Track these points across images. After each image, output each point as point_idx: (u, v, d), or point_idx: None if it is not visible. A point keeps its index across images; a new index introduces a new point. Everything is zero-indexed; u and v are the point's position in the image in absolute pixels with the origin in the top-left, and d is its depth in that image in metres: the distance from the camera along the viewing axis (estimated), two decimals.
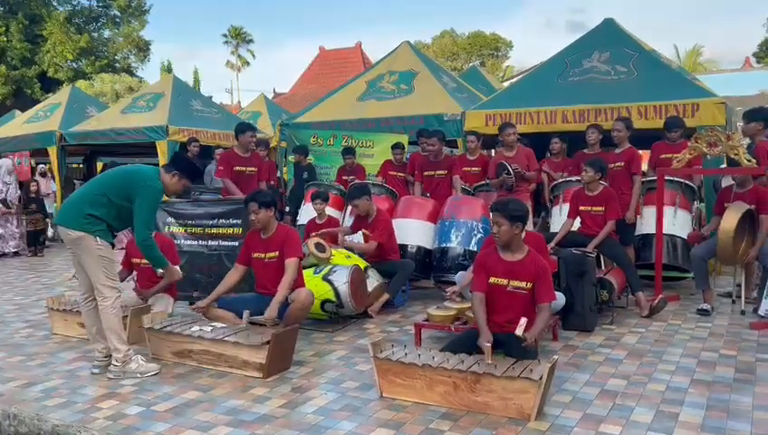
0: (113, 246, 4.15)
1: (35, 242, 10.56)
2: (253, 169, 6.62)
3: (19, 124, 13.49)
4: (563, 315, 4.89)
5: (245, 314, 4.36)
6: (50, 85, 26.17)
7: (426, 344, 4.54)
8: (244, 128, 6.74)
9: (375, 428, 3.23)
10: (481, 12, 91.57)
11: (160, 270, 4.45)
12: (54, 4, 28.05)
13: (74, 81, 23.38)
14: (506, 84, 12.90)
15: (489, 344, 3.51)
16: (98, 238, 3.97)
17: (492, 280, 3.86)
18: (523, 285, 3.80)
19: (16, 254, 10.15)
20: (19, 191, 10.48)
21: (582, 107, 7.61)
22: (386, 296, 5.60)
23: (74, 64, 27.29)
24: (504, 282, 3.84)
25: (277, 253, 4.58)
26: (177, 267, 4.61)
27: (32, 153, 13.48)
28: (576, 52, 8.38)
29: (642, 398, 3.56)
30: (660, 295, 5.42)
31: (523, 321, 3.66)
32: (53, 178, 12.54)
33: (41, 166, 12.11)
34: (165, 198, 4.55)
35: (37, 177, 12.08)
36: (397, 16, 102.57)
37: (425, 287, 6.53)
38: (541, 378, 3.23)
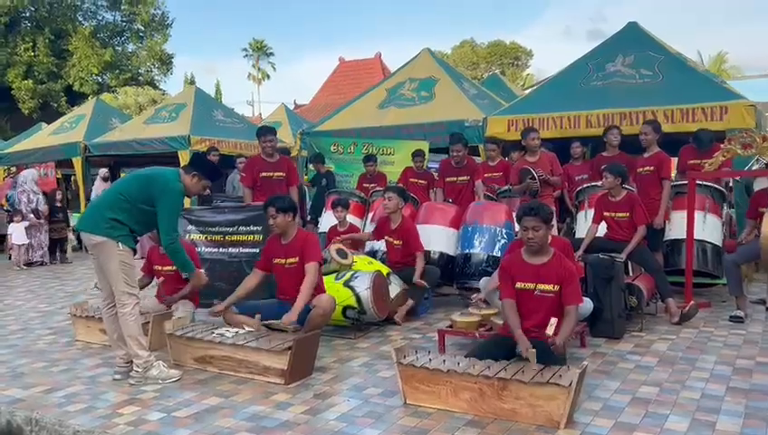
0: (135, 252, 4.14)
1: (57, 250, 10.71)
2: (280, 173, 6.44)
3: (45, 136, 13.71)
4: (591, 322, 4.77)
5: (257, 317, 4.32)
6: (75, 99, 26.59)
7: (449, 351, 4.44)
8: (260, 132, 6.65)
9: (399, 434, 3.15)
10: (500, 22, 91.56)
11: (185, 274, 4.42)
12: (80, 19, 28.58)
13: (99, 94, 23.75)
14: (527, 92, 12.78)
15: (534, 350, 3.41)
16: (120, 244, 3.96)
17: (519, 285, 3.77)
18: (550, 287, 3.70)
19: (42, 263, 10.25)
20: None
21: (607, 111, 7.47)
22: (410, 302, 5.51)
23: (99, 78, 27.72)
24: (531, 286, 3.74)
25: (297, 258, 4.54)
26: (203, 272, 4.57)
27: (57, 164, 13.71)
28: (599, 56, 8.26)
29: (676, 405, 3.43)
30: (692, 302, 5.26)
31: (554, 320, 3.56)
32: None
33: (102, 170, 12.25)
34: (186, 204, 4.54)
35: (98, 181, 12.14)
36: (416, 27, 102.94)
37: (447, 294, 6.43)
38: (570, 384, 3.13)
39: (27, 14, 27.38)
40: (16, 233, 9.99)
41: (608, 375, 3.96)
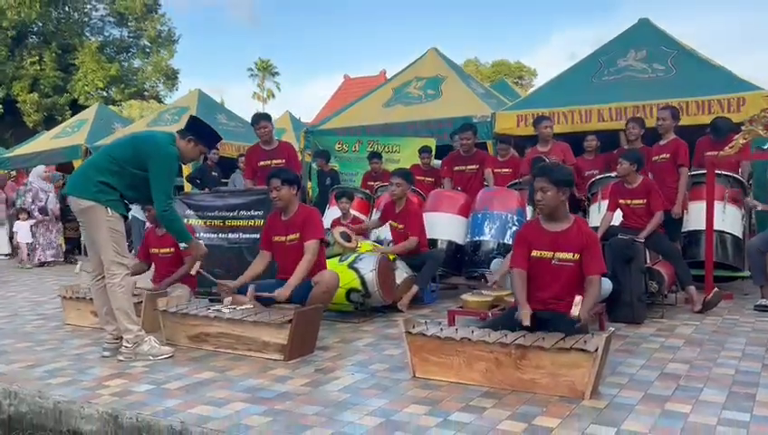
0: (126, 218, 3.91)
1: (75, 249, 10.50)
2: (279, 160, 6.13)
3: (47, 140, 13.56)
4: (610, 306, 4.49)
5: (250, 289, 4.08)
6: (80, 112, 26.60)
7: None
8: (254, 120, 6.27)
9: (409, 404, 2.87)
10: (505, 44, 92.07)
11: (184, 245, 4.18)
12: (87, 34, 28.72)
13: None
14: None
15: (528, 312, 3.15)
16: (109, 209, 3.72)
17: (535, 253, 3.50)
18: (569, 256, 3.43)
19: (55, 263, 9.87)
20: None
21: (620, 104, 7.26)
22: (415, 289, 5.23)
23: (104, 92, 27.75)
24: (549, 254, 3.47)
25: (298, 234, 4.30)
26: (202, 242, 4.30)
27: (59, 168, 13.53)
28: (610, 51, 8.08)
29: (710, 380, 3.16)
30: (715, 289, 4.99)
31: (578, 299, 3.25)
32: None
33: None
34: (186, 190, 4.30)
35: None
36: (420, 46, 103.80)
37: (456, 284, 6.15)
38: (597, 350, 2.86)
39: (35, 29, 27.52)
40: (21, 231, 9.74)
41: (631, 354, 3.69)
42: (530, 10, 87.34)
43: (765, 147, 6.29)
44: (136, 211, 8.37)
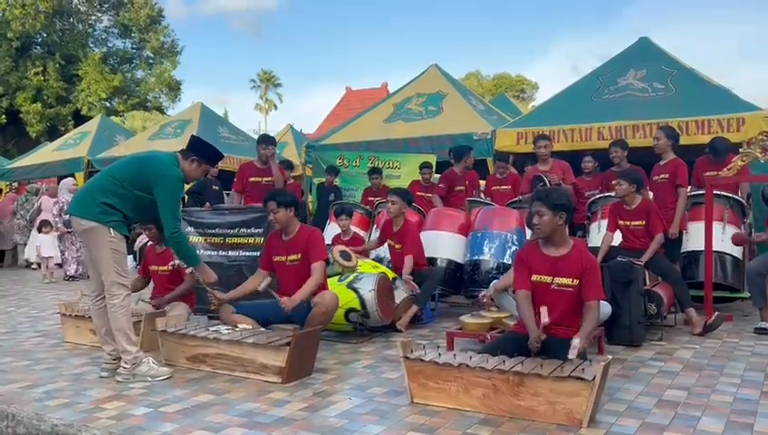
0: (128, 239, 3.92)
1: None
2: (269, 178, 6.42)
3: (49, 152, 13.62)
4: (608, 328, 4.49)
5: (264, 281, 4.17)
6: (83, 123, 26.61)
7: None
8: (260, 140, 6.73)
9: (406, 431, 2.87)
10: (507, 56, 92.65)
11: (190, 269, 4.19)
12: (91, 45, 28.90)
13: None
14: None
15: (540, 338, 3.14)
16: (112, 230, 3.73)
17: (534, 277, 3.51)
18: (568, 281, 3.44)
19: (73, 278, 9.39)
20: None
21: (619, 123, 7.31)
22: (414, 308, 5.23)
23: (107, 103, 27.87)
24: (548, 279, 3.48)
25: (300, 255, 4.31)
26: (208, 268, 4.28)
27: (59, 180, 13.57)
28: (610, 70, 8.15)
29: (708, 408, 3.15)
30: (716, 312, 4.98)
31: (576, 342, 3.11)
32: None
33: None
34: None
35: None
36: (422, 59, 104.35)
37: (455, 303, 6.14)
38: (594, 378, 2.86)
39: (39, 40, 27.70)
40: (45, 244, 9.38)
41: (629, 379, 3.68)
42: (531, 23, 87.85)
43: None
44: None
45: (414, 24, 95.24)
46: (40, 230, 9.74)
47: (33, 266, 10.94)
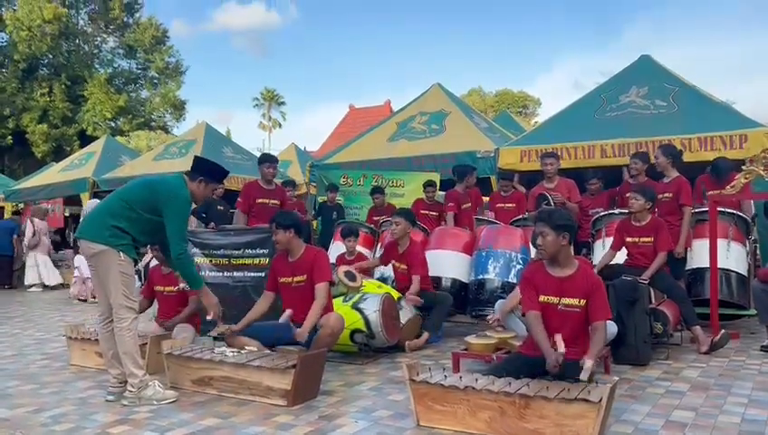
0: (136, 262, 3.94)
1: None
2: (276, 201, 6.51)
3: (55, 172, 13.71)
4: (614, 347, 4.48)
5: (288, 312, 4.21)
6: (88, 143, 26.63)
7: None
8: (262, 159, 6.82)
9: None
10: (509, 73, 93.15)
11: (192, 289, 4.21)
12: (96, 66, 29.21)
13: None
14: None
15: (557, 367, 3.14)
16: (121, 253, 3.76)
17: (541, 298, 3.51)
18: (575, 302, 3.44)
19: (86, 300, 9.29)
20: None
21: (622, 141, 7.32)
22: (426, 335, 5.26)
23: (112, 123, 28.09)
24: (555, 300, 3.48)
25: (305, 276, 4.34)
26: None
27: (66, 202, 13.66)
28: (612, 87, 8.19)
29: (715, 429, 3.13)
30: (723, 330, 4.97)
31: (589, 364, 3.15)
32: None
33: None
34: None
35: None
36: (425, 76, 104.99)
37: (460, 322, 6.13)
38: (600, 400, 2.85)
39: (45, 61, 27.99)
40: (83, 265, 8.86)
41: (636, 400, 3.66)
42: (533, 39, 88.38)
43: None
44: None
45: (416, 42, 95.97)
46: (77, 251, 9.52)
47: (30, 289, 10.98)
